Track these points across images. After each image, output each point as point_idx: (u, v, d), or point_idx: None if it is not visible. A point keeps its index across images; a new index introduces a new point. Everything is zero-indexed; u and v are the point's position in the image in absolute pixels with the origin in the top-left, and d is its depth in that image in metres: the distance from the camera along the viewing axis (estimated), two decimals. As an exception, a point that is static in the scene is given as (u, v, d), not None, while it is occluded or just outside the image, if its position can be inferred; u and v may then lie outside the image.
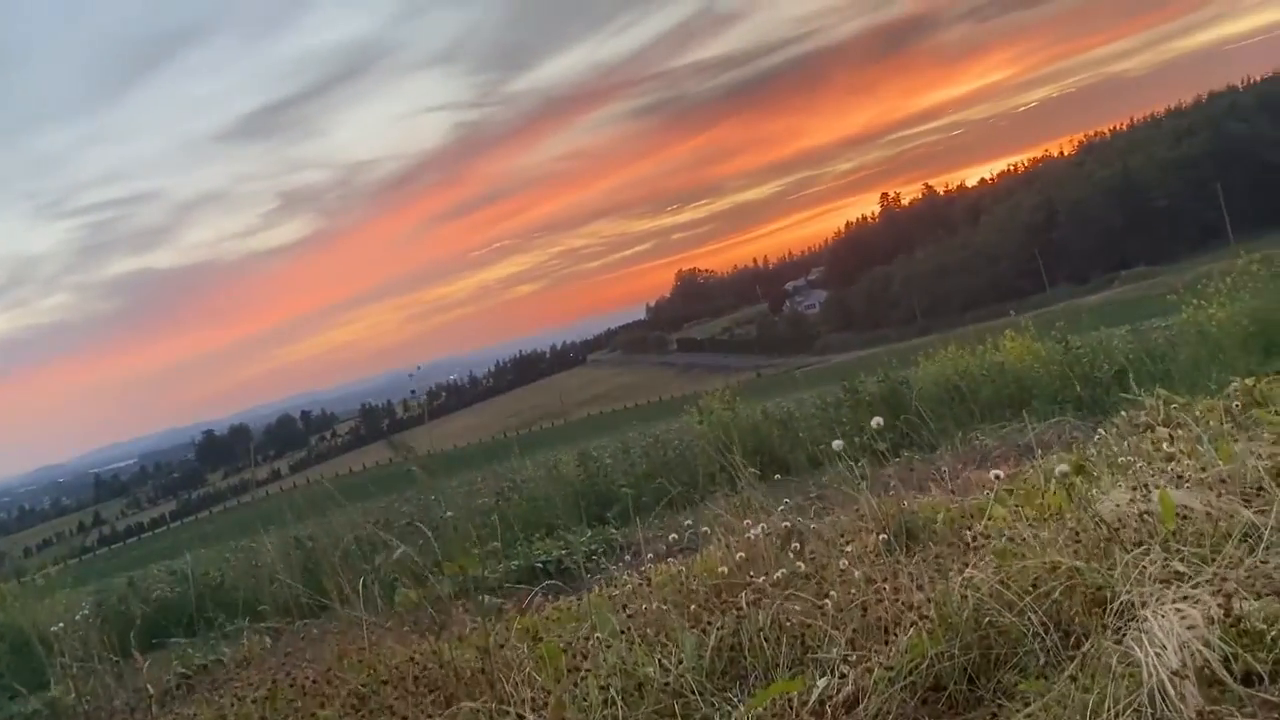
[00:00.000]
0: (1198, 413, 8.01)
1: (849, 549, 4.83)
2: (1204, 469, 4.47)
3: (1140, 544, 3.56)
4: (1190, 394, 10.23)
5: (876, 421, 6.11)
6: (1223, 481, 4.18)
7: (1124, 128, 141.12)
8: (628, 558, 8.03)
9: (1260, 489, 4.04)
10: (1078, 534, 3.78)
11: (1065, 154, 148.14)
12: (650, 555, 7.88)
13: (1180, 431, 7.04)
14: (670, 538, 8.19)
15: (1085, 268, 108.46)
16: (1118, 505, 3.94)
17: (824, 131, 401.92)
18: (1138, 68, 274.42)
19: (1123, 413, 9.66)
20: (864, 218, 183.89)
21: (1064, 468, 5.32)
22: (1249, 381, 8.24)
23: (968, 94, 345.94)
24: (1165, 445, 6.20)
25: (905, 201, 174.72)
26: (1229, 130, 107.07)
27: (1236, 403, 7.92)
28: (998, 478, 5.99)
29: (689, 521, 8.82)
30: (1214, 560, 3.23)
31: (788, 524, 5.07)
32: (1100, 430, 7.98)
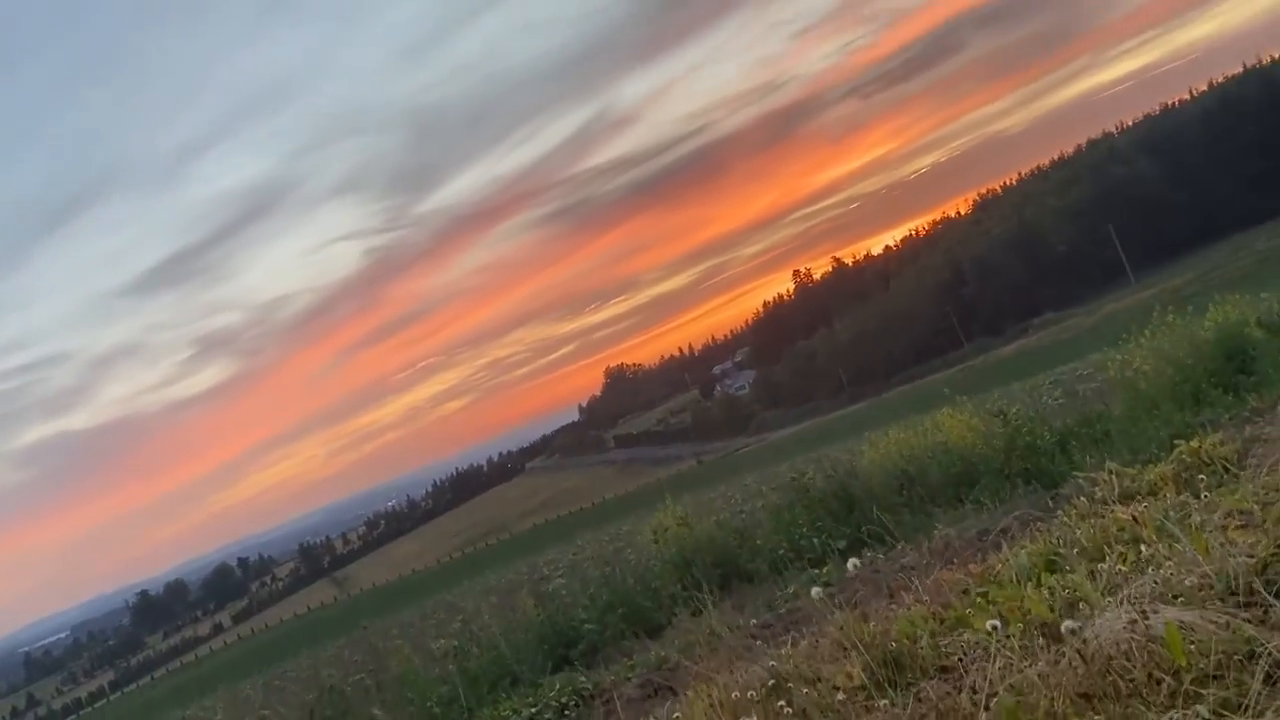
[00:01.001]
0: (1150, 480, 8.03)
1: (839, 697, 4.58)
2: (1185, 568, 4.37)
3: (1152, 679, 3.40)
4: (1134, 455, 10.33)
5: (853, 564, 5.90)
6: (1211, 587, 4.07)
7: (1014, 183, 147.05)
8: (601, 710, 7.62)
9: (1252, 590, 3.94)
10: (1081, 664, 3.61)
11: (962, 213, 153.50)
12: (625, 700, 7.55)
13: (1141, 507, 7.00)
14: (645, 679, 7.86)
15: (998, 320, 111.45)
16: (1114, 632, 3.77)
17: (729, 218, 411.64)
18: (1015, 125, 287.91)
19: (1078, 480, 9.70)
20: (780, 296, 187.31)
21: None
22: (1194, 445, 8.32)
23: (860, 167, 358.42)
24: (1133, 529, 6.14)
25: (817, 276, 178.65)
26: (1111, 174, 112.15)
27: (1185, 473, 7.98)
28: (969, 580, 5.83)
29: (661, 653, 8.48)
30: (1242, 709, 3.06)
31: (772, 680, 4.80)
32: (1059, 511, 7.92)
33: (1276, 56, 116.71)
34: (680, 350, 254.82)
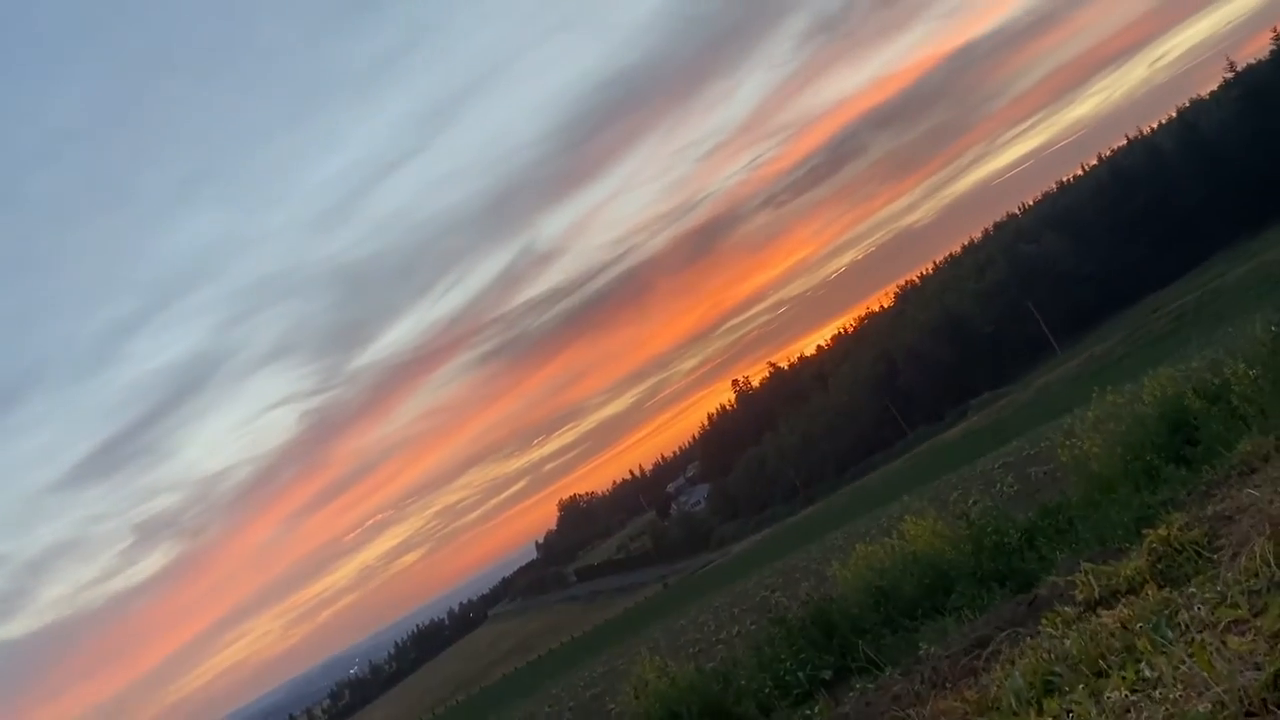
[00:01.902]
0: (1128, 575, 7.94)
1: None
2: (1194, 690, 4.24)
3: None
4: (1102, 544, 10.30)
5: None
6: (1224, 706, 3.94)
7: (930, 271, 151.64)
8: None
9: (1266, 707, 3.83)
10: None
11: (886, 306, 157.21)
12: None
13: (1126, 611, 6.89)
14: None
15: (937, 405, 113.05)
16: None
17: (663, 335, 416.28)
18: (924, 217, 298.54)
19: (1054, 581, 9.59)
20: (722, 406, 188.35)
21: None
22: (1162, 532, 8.29)
23: (783, 273, 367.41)
24: (1124, 637, 6.02)
25: (756, 382, 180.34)
26: (1021, 252, 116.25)
27: (1160, 563, 7.92)
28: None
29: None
30: None
31: None
32: (1043, 618, 7.78)
33: (1154, 127, 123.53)
34: (632, 473, 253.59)
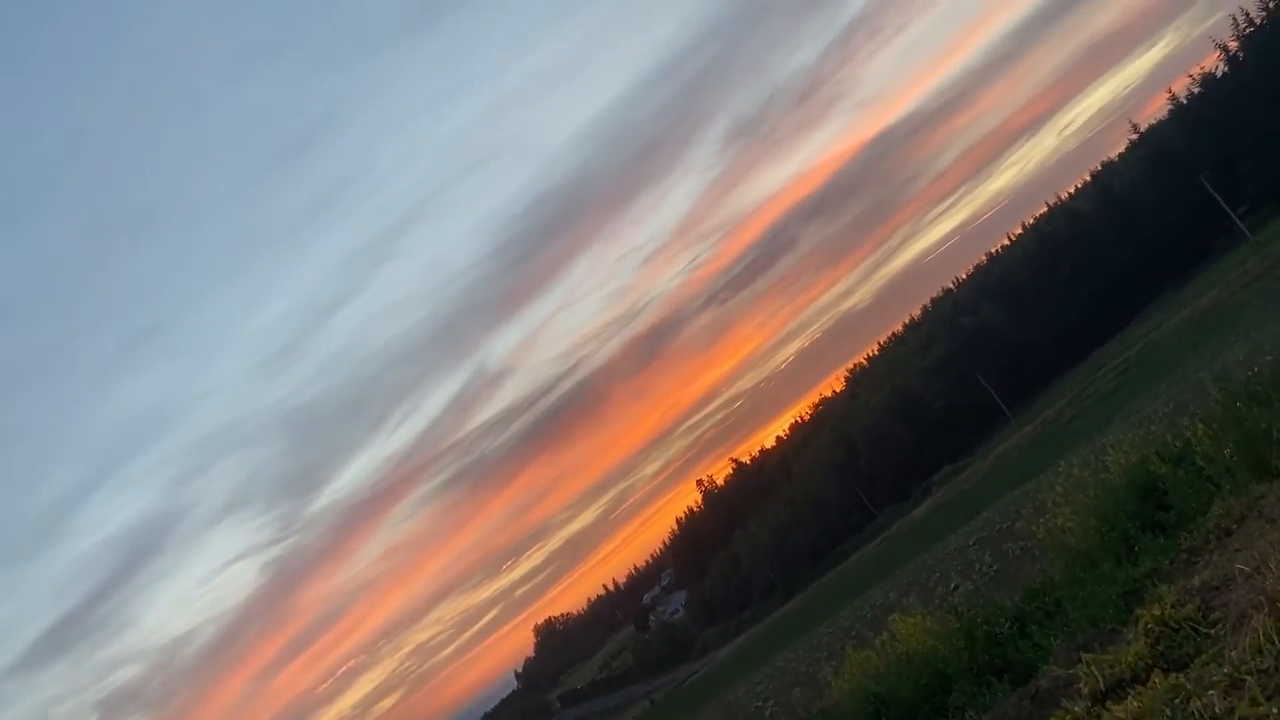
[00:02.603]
0: (1130, 662, 7.80)
1: None
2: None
3: None
4: (1094, 625, 10.17)
5: None
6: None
7: (876, 352, 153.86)
8: None
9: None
10: None
11: (838, 391, 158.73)
12: None
13: (1136, 704, 6.73)
14: None
15: (901, 484, 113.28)
16: None
17: (622, 443, 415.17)
18: (862, 299, 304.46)
19: (1054, 672, 9.40)
20: (689, 509, 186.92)
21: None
22: (1155, 611, 8.20)
23: (733, 368, 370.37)
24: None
25: (720, 481, 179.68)
26: (962, 325, 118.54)
27: (1160, 645, 7.81)
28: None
29: None
30: None
31: None
32: (1052, 719, 7.59)
33: (1071, 192, 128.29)
34: (606, 588, 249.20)
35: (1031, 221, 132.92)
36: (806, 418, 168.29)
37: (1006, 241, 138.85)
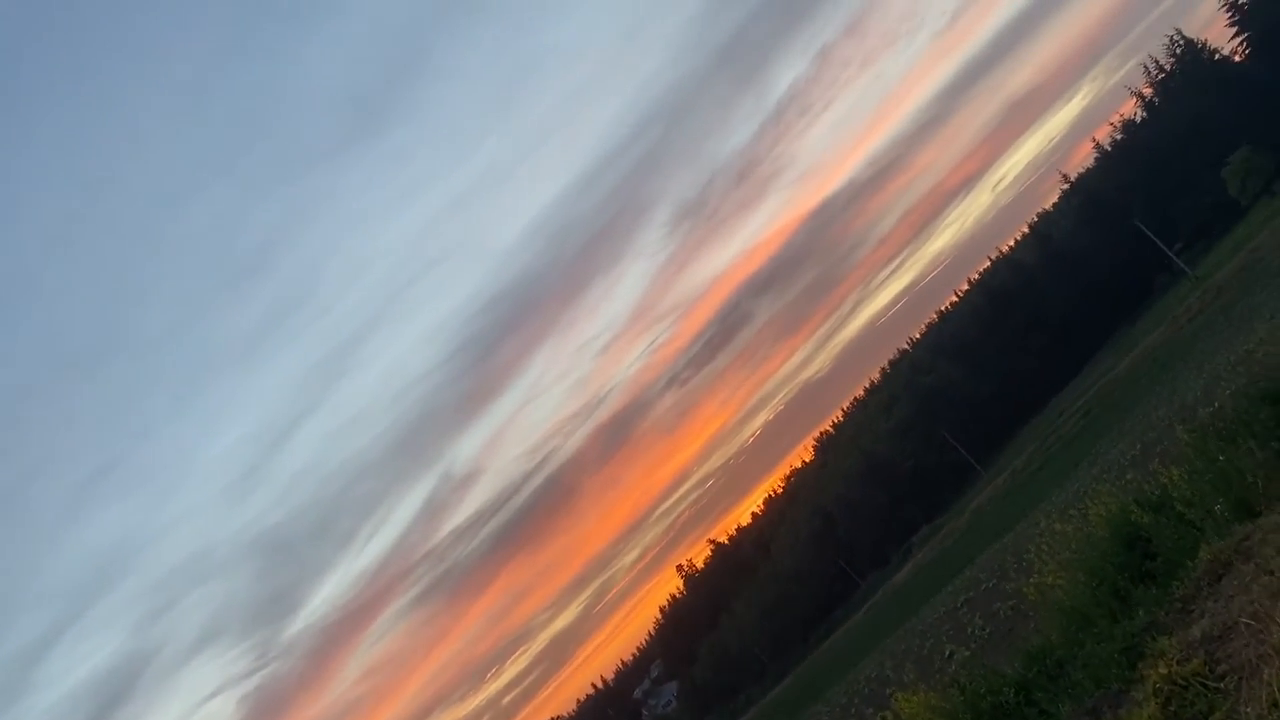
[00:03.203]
0: (1144, 726, 7.65)
1: None
2: None
3: None
4: (1099, 686, 9.99)
5: None
6: None
7: (841, 418, 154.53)
8: None
9: None
10: None
11: (807, 461, 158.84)
12: None
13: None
14: None
15: (881, 549, 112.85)
16: None
17: (598, 535, 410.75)
18: (821, 368, 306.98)
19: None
20: (672, 596, 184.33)
21: None
22: (1162, 670, 8.07)
23: (701, 448, 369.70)
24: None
25: (700, 564, 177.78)
26: (921, 384, 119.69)
27: (1171, 704, 7.67)
28: None
29: None
30: None
31: None
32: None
33: (1012, 244, 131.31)
34: (595, 686, 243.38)
35: (977, 277, 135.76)
36: (779, 491, 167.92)
37: (955, 298, 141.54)
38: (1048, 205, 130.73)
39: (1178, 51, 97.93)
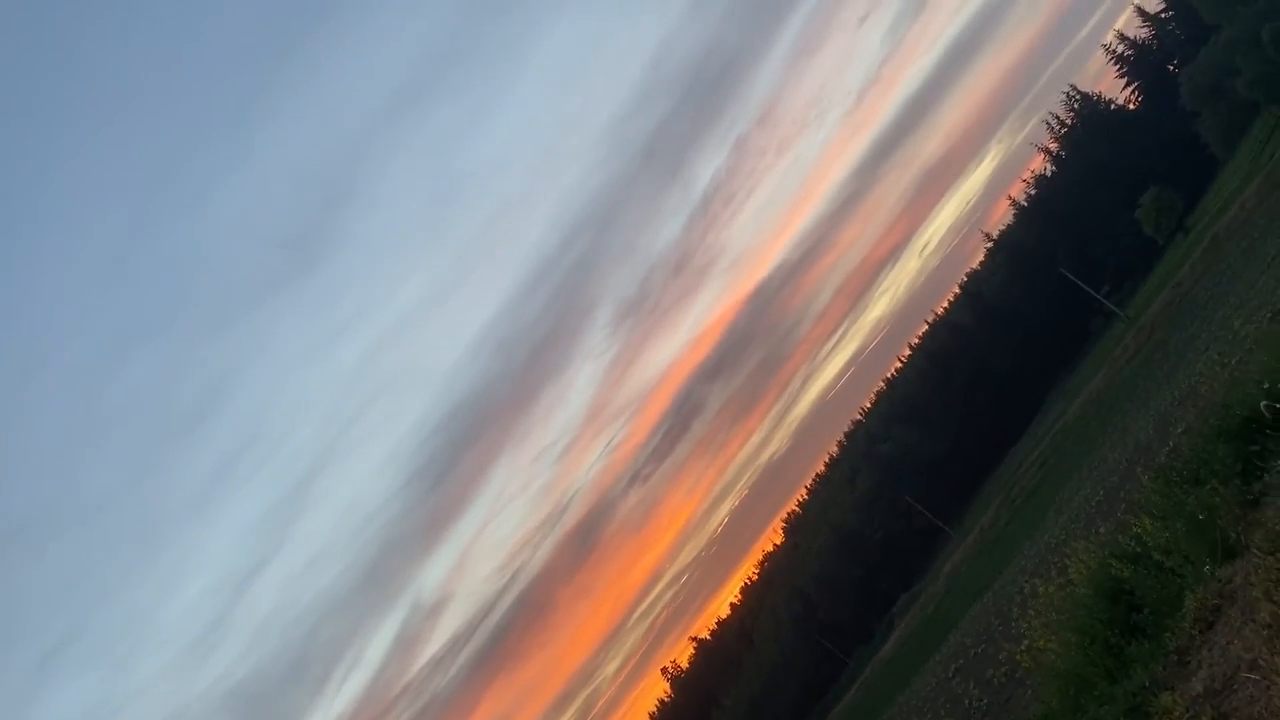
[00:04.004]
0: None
1: None
2: None
3: None
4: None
5: None
6: None
7: (806, 496, 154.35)
8: None
9: None
10: None
11: (778, 544, 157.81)
12: None
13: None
14: None
15: (862, 624, 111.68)
16: None
17: (577, 645, 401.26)
18: (780, 447, 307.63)
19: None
20: (660, 701, 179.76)
21: None
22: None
23: (671, 543, 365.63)
24: None
25: (684, 664, 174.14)
26: (880, 453, 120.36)
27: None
28: None
29: None
30: None
31: None
32: None
33: (947, 306, 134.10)
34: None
35: (917, 341, 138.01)
36: (754, 578, 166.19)
37: (900, 364, 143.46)
38: (975, 264, 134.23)
39: (1076, 106, 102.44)
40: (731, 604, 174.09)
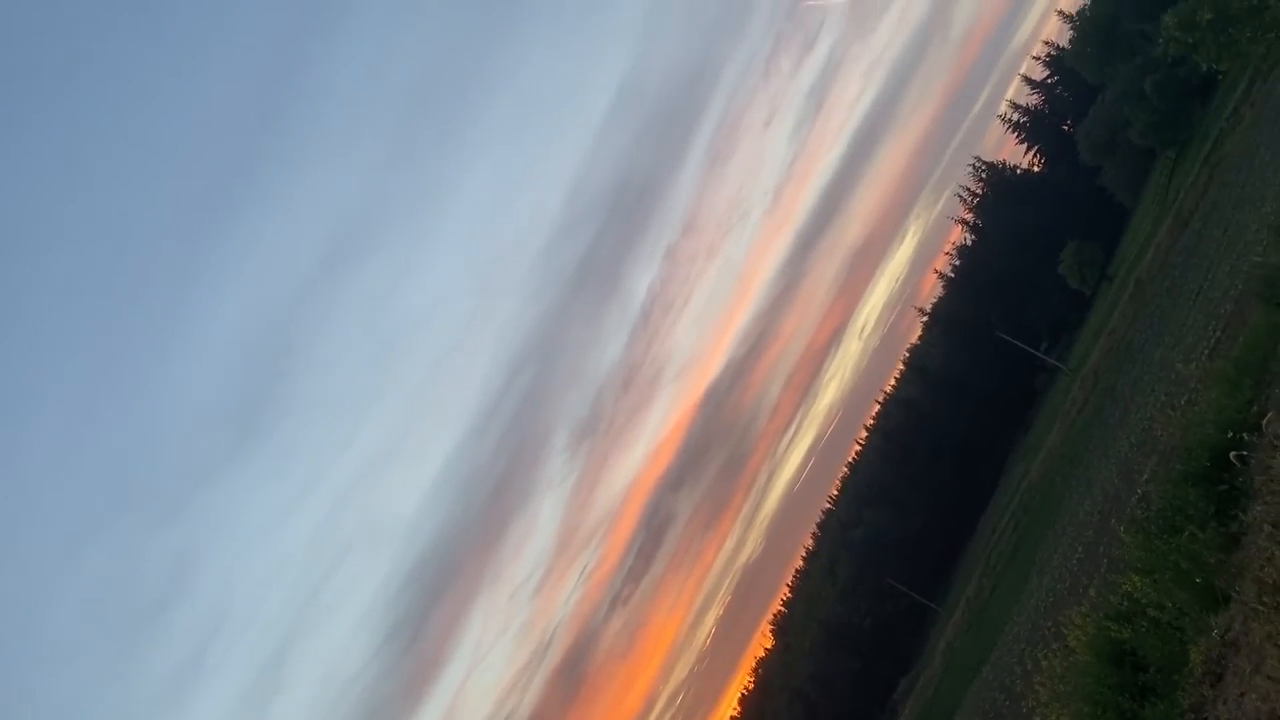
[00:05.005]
0: None
1: None
2: None
3: None
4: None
5: None
6: None
7: (789, 594, 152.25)
8: None
9: None
10: None
11: (770, 647, 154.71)
12: None
13: None
14: None
15: (867, 717, 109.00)
16: None
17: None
18: (755, 548, 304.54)
19: None
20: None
21: None
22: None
23: (662, 663, 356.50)
24: None
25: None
26: (854, 539, 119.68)
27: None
28: None
29: None
30: None
31: None
32: None
33: (895, 383, 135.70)
34: None
35: (872, 422, 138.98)
36: (750, 686, 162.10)
37: (859, 447, 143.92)
38: (914, 339, 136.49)
39: (983, 175, 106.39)
40: (732, 717, 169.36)
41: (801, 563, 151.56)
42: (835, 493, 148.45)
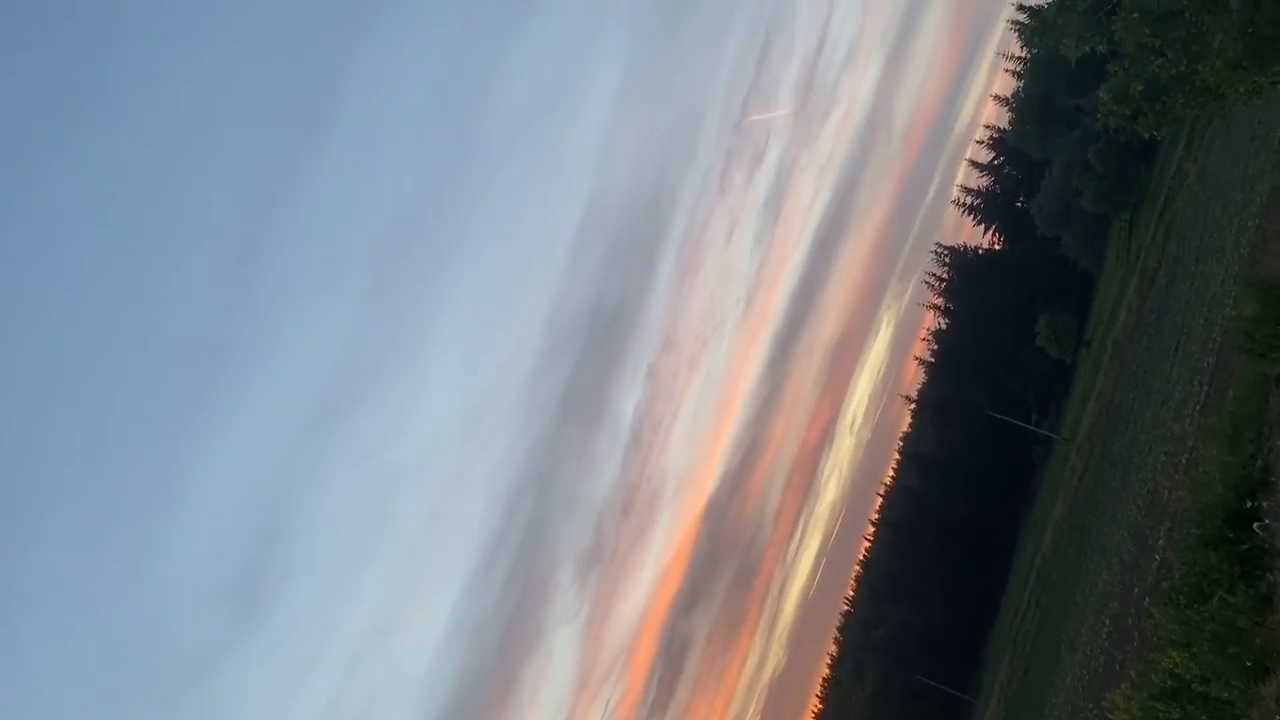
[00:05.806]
0: None
1: None
2: None
3: None
4: None
5: None
6: None
7: (820, 706, 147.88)
8: None
9: None
10: None
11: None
12: None
13: None
14: None
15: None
16: None
17: None
18: (778, 661, 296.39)
19: None
20: None
21: None
22: None
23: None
24: None
25: None
26: (877, 638, 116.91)
27: None
28: None
29: None
30: None
31: None
32: None
33: (893, 474, 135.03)
34: None
35: (876, 515, 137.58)
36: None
37: (867, 543, 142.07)
38: (905, 427, 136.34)
39: (947, 260, 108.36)
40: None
41: (828, 670, 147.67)
42: (851, 593, 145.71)
